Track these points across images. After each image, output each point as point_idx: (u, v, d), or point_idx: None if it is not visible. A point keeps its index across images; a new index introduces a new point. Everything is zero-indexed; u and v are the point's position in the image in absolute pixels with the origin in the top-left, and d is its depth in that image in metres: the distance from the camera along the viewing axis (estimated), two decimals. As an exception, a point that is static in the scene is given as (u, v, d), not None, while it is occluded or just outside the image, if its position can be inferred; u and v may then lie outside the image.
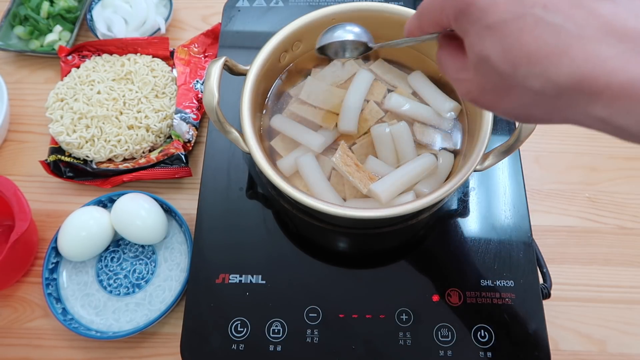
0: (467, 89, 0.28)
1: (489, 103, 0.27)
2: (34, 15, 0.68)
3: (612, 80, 0.21)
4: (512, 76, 0.23)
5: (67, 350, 0.51)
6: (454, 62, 0.29)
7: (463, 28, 0.25)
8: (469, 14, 0.24)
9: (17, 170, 0.61)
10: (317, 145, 0.47)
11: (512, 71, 0.23)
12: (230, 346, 0.44)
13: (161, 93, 0.62)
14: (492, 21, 0.23)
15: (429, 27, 0.30)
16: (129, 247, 0.55)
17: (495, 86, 0.25)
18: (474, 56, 0.25)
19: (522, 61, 0.23)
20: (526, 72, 0.23)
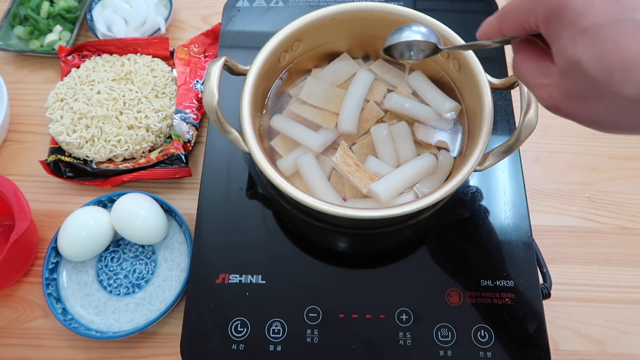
0: (548, 94, 0.26)
1: (573, 110, 0.26)
2: (34, 15, 0.68)
3: None
4: (606, 82, 0.22)
5: (67, 350, 0.51)
6: (534, 66, 0.28)
7: (554, 31, 0.24)
8: (563, 17, 0.23)
9: (17, 170, 0.61)
10: (317, 145, 0.47)
11: (606, 77, 0.22)
12: (230, 346, 0.44)
13: (161, 93, 0.62)
14: (588, 24, 0.22)
15: (510, 29, 0.28)
16: (129, 247, 0.55)
17: (584, 93, 0.24)
18: (563, 60, 0.24)
19: (618, 67, 0.22)
20: (622, 78, 0.22)
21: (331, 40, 0.52)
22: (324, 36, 0.51)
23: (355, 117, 0.48)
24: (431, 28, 0.38)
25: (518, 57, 0.29)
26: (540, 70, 0.27)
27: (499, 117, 0.53)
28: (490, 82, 0.44)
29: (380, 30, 0.51)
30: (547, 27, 0.25)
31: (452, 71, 0.49)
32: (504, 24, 0.29)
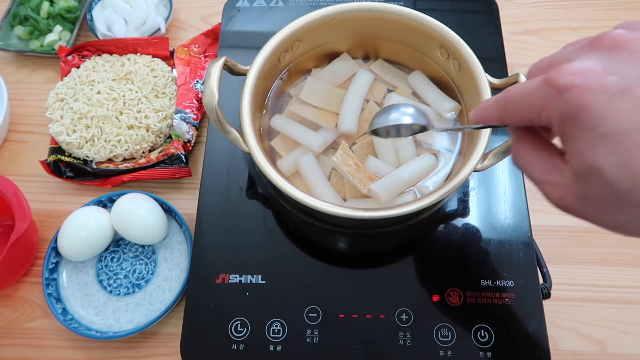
0: (560, 195, 0.25)
1: (590, 215, 0.25)
2: (34, 15, 0.68)
3: None
4: (630, 192, 0.21)
5: (67, 350, 0.51)
6: (540, 161, 0.26)
7: (569, 133, 0.23)
8: (580, 120, 0.22)
9: (17, 170, 0.61)
10: (317, 145, 0.47)
11: (631, 187, 0.21)
12: (230, 346, 0.44)
13: (161, 93, 0.62)
14: (609, 130, 0.21)
15: (514, 120, 0.26)
16: (129, 247, 0.55)
17: (604, 200, 0.23)
18: (581, 165, 0.23)
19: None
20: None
21: (331, 40, 0.52)
22: (324, 36, 0.51)
23: (356, 117, 0.48)
24: (419, 109, 0.36)
25: (518, 147, 0.27)
26: (549, 167, 0.25)
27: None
28: (490, 82, 0.44)
29: (380, 30, 0.51)
30: (561, 128, 0.23)
31: (452, 71, 0.49)
32: (507, 115, 0.27)
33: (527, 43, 0.68)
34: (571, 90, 0.22)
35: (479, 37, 0.58)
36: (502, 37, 0.58)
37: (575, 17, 0.70)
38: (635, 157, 0.21)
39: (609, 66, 0.22)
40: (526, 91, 0.25)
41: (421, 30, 0.48)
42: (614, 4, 0.71)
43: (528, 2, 0.71)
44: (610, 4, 0.71)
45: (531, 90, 0.24)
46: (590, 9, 0.70)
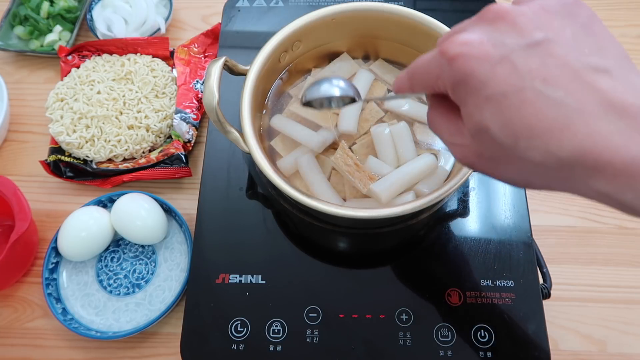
0: (462, 154, 0.28)
1: (487, 169, 0.27)
2: (34, 15, 0.68)
3: (615, 157, 0.21)
4: (513, 147, 0.23)
5: (67, 350, 0.51)
6: (448, 125, 0.28)
7: (461, 97, 0.25)
8: (468, 85, 0.24)
9: (17, 170, 0.61)
10: (317, 145, 0.47)
11: (512, 143, 0.23)
12: (230, 346, 0.44)
13: (161, 93, 0.62)
14: (491, 93, 0.23)
15: (420, 89, 0.29)
16: (129, 247, 0.55)
17: (495, 155, 0.25)
18: (472, 125, 0.25)
19: (523, 134, 0.23)
20: (527, 144, 0.23)
21: (331, 40, 0.52)
22: (324, 36, 0.51)
23: (355, 117, 0.48)
24: (348, 82, 0.38)
25: (432, 113, 0.30)
26: (454, 130, 0.28)
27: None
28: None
29: (380, 31, 0.51)
30: (454, 93, 0.26)
31: (452, 71, 0.49)
32: (414, 83, 0.29)
33: (527, 43, 0.68)
34: (458, 59, 0.24)
35: (479, 37, 0.57)
36: (502, 37, 0.58)
37: (575, 17, 0.70)
38: (514, 116, 0.23)
39: (491, 36, 0.24)
40: (426, 61, 0.28)
41: (421, 30, 0.48)
42: (614, 4, 0.71)
43: (528, 2, 0.71)
44: (610, 4, 0.71)
45: (429, 60, 0.27)
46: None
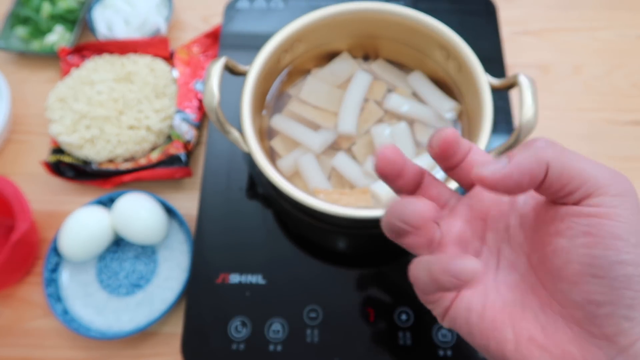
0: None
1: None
2: (35, 15, 0.68)
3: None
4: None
5: (67, 350, 0.51)
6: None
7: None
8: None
9: (18, 171, 0.62)
10: (317, 145, 0.47)
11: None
12: (231, 346, 0.44)
13: (161, 93, 0.62)
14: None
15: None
16: (129, 247, 0.55)
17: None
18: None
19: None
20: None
21: (331, 40, 0.52)
22: (324, 36, 0.51)
23: (354, 118, 0.49)
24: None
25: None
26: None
27: (498, 117, 0.53)
28: (490, 83, 0.44)
29: (380, 31, 0.51)
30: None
31: (452, 71, 0.49)
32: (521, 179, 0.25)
33: (526, 43, 0.68)
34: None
35: (479, 37, 0.58)
36: (501, 37, 0.58)
37: (575, 17, 0.70)
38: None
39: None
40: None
41: (421, 31, 0.48)
42: (614, 4, 0.71)
43: (527, 2, 0.71)
44: (610, 4, 0.71)
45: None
46: (590, 9, 0.71)
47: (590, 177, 0.23)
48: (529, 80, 0.41)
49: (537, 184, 0.24)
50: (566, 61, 0.67)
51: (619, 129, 0.62)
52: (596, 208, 0.23)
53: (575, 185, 0.23)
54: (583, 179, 0.23)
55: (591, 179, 0.23)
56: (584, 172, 0.23)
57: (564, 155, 0.24)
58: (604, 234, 0.23)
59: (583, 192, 0.23)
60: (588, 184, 0.23)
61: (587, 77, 0.65)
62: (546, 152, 0.24)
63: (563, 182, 0.24)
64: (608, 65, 0.66)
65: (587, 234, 0.23)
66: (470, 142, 0.27)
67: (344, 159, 0.47)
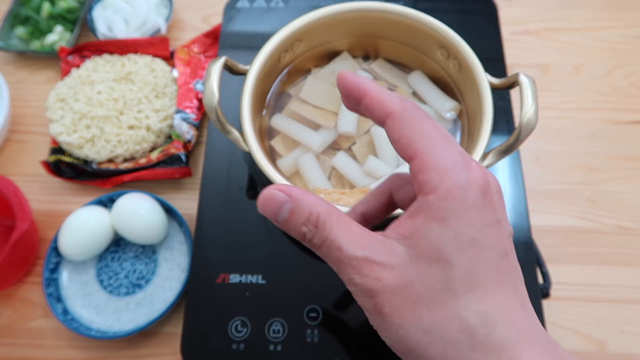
0: (378, 280, 0.24)
1: (395, 319, 0.25)
2: (35, 15, 0.68)
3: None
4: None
5: (67, 350, 0.51)
6: (364, 230, 0.26)
7: (441, 203, 0.24)
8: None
9: (18, 170, 0.62)
10: (317, 145, 0.47)
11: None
12: (230, 346, 0.44)
13: (161, 93, 0.62)
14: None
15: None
16: (129, 247, 0.55)
17: (427, 294, 0.24)
18: (427, 246, 0.23)
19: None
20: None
21: (331, 39, 0.52)
22: (324, 36, 0.51)
23: (354, 117, 0.48)
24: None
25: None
26: (376, 239, 0.26)
27: (498, 117, 0.53)
28: (490, 82, 0.44)
29: (380, 30, 0.51)
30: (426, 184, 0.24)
31: (452, 71, 0.49)
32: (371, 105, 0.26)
33: (526, 43, 0.68)
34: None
35: (479, 37, 0.58)
36: (501, 37, 0.58)
37: (575, 17, 0.70)
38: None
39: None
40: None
41: (421, 30, 0.48)
42: (614, 4, 0.71)
43: (528, 2, 0.71)
44: (610, 4, 0.71)
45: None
46: (590, 9, 0.71)
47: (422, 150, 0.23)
48: (529, 79, 0.41)
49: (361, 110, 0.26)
50: (566, 61, 0.67)
51: (619, 129, 0.62)
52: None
53: (408, 150, 0.24)
54: (416, 147, 0.23)
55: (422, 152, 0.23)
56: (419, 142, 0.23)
57: (413, 119, 0.24)
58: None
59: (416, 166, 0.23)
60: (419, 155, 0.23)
61: (587, 77, 0.65)
62: (398, 105, 0.25)
63: (394, 136, 0.24)
64: (608, 65, 0.66)
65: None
66: (366, 86, 0.27)
67: (344, 159, 0.47)
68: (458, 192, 0.22)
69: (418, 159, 0.23)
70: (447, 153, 0.23)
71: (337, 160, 0.47)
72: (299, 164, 0.47)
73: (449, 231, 0.22)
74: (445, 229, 0.22)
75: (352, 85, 0.26)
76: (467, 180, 0.23)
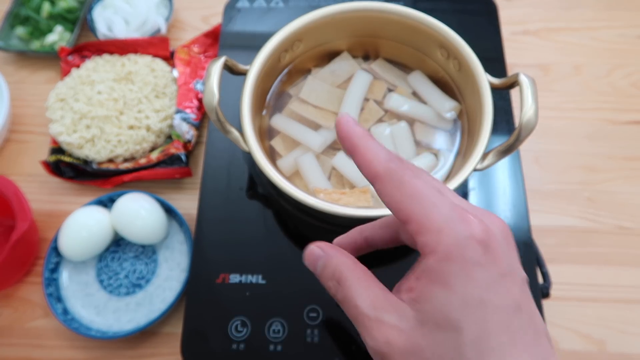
0: (388, 340, 0.24)
1: None
2: (35, 15, 0.68)
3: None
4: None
5: (67, 350, 0.51)
6: (380, 288, 0.26)
7: (444, 268, 0.23)
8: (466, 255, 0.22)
9: (18, 170, 0.62)
10: (317, 145, 0.47)
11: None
12: (230, 346, 0.44)
13: (161, 93, 0.62)
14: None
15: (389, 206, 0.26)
16: (129, 247, 0.55)
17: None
18: (433, 313, 0.23)
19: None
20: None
21: (332, 39, 0.52)
22: (324, 36, 0.51)
23: (355, 117, 0.49)
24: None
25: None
26: (389, 300, 0.25)
27: (498, 117, 0.53)
28: (490, 82, 0.44)
29: (380, 30, 0.51)
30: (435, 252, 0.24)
31: (452, 71, 0.49)
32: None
33: (526, 43, 0.68)
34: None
35: (479, 37, 0.58)
36: (501, 37, 0.58)
37: (575, 17, 0.70)
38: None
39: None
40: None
41: (421, 30, 0.48)
42: (614, 4, 0.71)
43: (528, 2, 0.71)
44: (610, 4, 0.71)
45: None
46: (590, 9, 0.71)
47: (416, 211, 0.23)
48: (529, 79, 0.41)
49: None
50: (566, 61, 0.67)
51: (619, 129, 0.62)
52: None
53: (402, 214, 0.23)
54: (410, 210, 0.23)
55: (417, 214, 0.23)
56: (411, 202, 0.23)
57: (402, 182, 0.23)
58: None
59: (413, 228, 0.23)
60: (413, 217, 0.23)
61: (587, 77, 0.65)
62: (384, 167, 0.24)
63: (392, 206, 0.24)
64: (608, 65, 0.66)
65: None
66: (355, 142, 0.26)
67: (344, 159, 0.47)
68: (457, 251, 0.21)
69: (412, 222, 0.23)
70: (440, 210, 0.22)
71: (337, 160, 0.47)
72: (299, 164, 0.47)
73: (453, 295, 0.21)
74: (449, 293, 0.21)
75: (344, 137, 0.26)
76: (465, 237, 0.22)
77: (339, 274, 0.26)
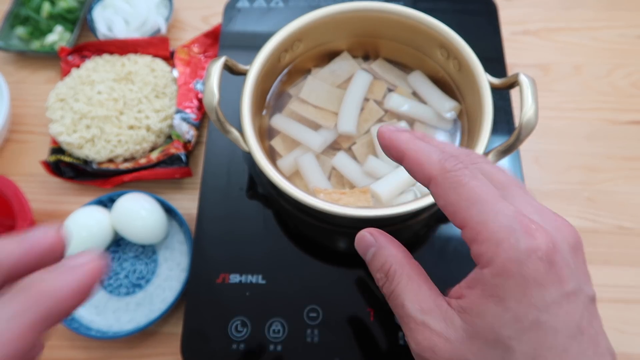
0: (431, 346, 0.23)
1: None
2: (35, 15, 0.68)
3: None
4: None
5: (67, 350, 0.51)
6: (430, 293, 0.26)
7: (500, 283, 0.21)
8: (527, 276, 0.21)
9: (18, 171, 0.62)
10: (317, 145, 0.47)
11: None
12: (230, 346, 0.44)
13: (161, 93, 0.62)
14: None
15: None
16: (129, 247, 0.55)
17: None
18: (483, 327, 0.22)
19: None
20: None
21: (332, 39, 0.52)
22: (324, 36, 0.51)
23: (355, 117, 0.49)
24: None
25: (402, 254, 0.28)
26: (438, 306, 0.25)
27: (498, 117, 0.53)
28: (490, 82, 0.44)
29: (380, 30, 0.51)
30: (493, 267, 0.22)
31: (452, 71, 0.49)
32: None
33: (526, 43, 0.68)
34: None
35: (479, 37, 0.58)
36: (501, 37, 0.58)
37: (575, 17, 0.70)
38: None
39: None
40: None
41: (421, 30, 0.48)
42: (614, 4, 0.71)
43: (528, 2, 0.71)
44: (610, 4, 0.71)
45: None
46: (590, 9, 0.71)
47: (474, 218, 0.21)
48: (529, 79, 0.41)
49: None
50: (566, 61, 0.67)
51: (618, 129, 0.62)
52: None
53: (459, 217, 0.22)
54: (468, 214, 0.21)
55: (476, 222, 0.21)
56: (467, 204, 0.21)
57: (457, 187, 0.22)
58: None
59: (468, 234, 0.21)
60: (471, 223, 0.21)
61: (587, 77, 0.65)
62: (438, 168, 0.23)
63: (448, 208, 0.22)
64: (608, 65, 0.66)
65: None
66: (403, 146, 0.25)
67: (344, 159, 0.47)
68: (515, 267, 0.20)
69: (469, 229, 0.21)
70: (501, 219, 0.20)
71: (337, 160, 0.47)
72: (299, 164, 0.47)
73: (507, 313, 0.20)
74: (502, 310, 0.20)
75: (390, 145, 0.25)
76: (526, 252, 0.20)
77: (389, 267, 0.25)
